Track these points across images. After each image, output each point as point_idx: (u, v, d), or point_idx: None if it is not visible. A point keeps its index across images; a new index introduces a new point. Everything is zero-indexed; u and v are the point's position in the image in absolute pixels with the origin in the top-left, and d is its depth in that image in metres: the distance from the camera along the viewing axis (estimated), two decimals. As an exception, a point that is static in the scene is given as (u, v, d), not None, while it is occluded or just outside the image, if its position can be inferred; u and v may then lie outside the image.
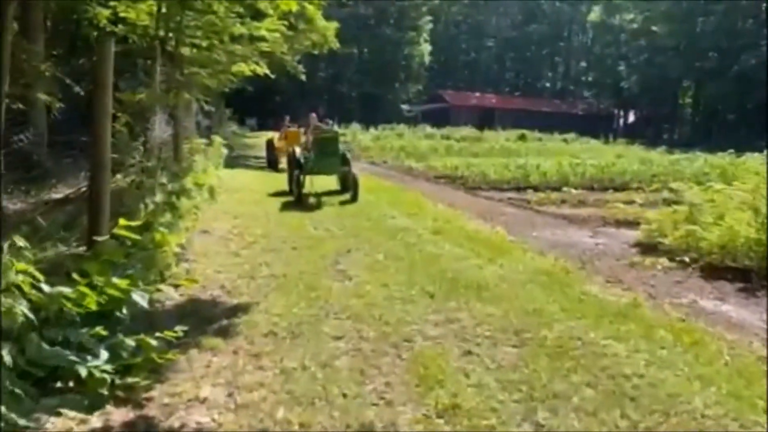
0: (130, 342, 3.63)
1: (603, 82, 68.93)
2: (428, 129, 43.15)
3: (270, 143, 20.44)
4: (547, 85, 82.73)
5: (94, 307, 3.58)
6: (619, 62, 65.91)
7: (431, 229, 9.21)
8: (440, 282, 6.09)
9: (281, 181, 14.68)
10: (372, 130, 42.73)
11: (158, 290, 4.70)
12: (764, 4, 49.28)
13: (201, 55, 12.48)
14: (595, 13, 67.55)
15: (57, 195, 9.77)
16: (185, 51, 12.18)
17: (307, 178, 12.36)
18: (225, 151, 16.49)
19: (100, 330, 3.58)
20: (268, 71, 13.32)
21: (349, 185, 12.44)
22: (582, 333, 4.57)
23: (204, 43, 12.55)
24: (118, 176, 6.39)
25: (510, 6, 78.46)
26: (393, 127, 44.57)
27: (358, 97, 61.81)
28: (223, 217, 10.08)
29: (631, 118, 71.65)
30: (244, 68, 13.01)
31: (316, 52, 26.77)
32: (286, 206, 11.49)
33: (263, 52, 14.05)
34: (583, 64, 77.56)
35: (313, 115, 15.26)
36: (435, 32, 67.11)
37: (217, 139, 13.89)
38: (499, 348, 4.29)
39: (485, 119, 55.15)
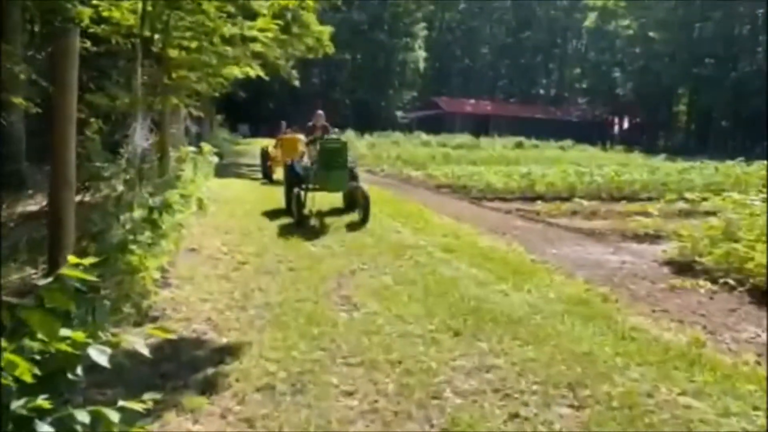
0: (83, 416, 2.75)
1: (598, 89, 68.39)
2: (424, 136, 42.34)
3: (265, 152, 18.71)
4: (542, 92, 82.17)
5: (29, 379, 2.70)
6: (615, 69, 65.50)
7: (442, 247, 8.38)
8: (463, 314, 5.26)
9: (277, 194, 13.74)
10: (367, 137, 41.94)
11: (115, 344, 3.82)
12: (761, 11, 48.93)
13: (189, 58, 11.60)
14: (590, 20, 67.05)
15: (32, 207, 8.91)
16: (173, 53, 11.32)
17: (308, 195, 10.69)
18: (215, 159, 15.59)
19: (42, 402, 2.70)
20: (261, 73, 12.43)
21: (357, 204, 10.56)
22: (650, 387, 3.74)
23: (193, 45, 11.68)
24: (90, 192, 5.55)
25: (505, 12, 77.93)
26: (388, 134, 43.80)
27: (351, 103, 60.98)
28: (213, 232, 9.22)
29: (626, 125, 71.18)
30: (235, 71, 12.15)
31: (311, 56, 26.05)
32: (280, 220, 10.62)
33: (256, 54, 13.23)
34: (578, 70, 77.07)
35: (320, 112, 12.53)
36: (429, 39, 66.46)
37: (207, 147, 13.04)
38: (554, 410, 3.45)
39: (480, 126, 54.42)
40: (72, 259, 3.34)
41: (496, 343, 4.49)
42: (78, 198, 6.33)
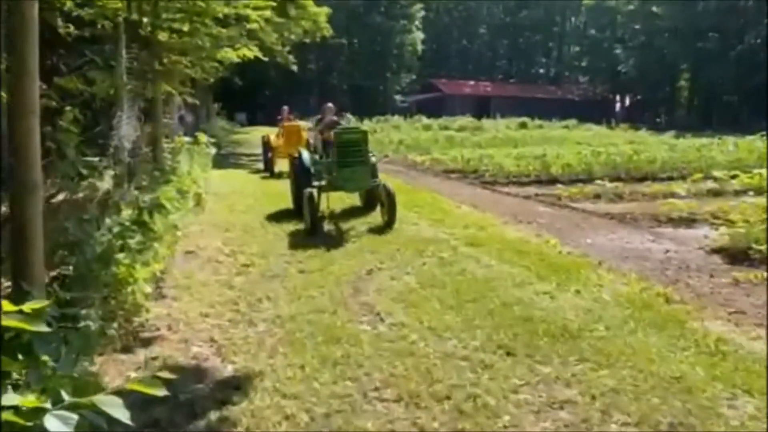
0: None
1: (599, 67, 67.18)
2: (425, 120, 41.36)
3: (266, 142, 16.72)
4: (541, 71, 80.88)
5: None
6: (616, 46, 64.22)
7: (466, 240, 7.58)
8: (509, 325, 4.47)
9: (281, 186, 12.86)
10: (366, 122, 40.99)
11: (85, 406, 3.03)
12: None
13: (181, 41, 10.74)
14: (589, -4, 65.82)
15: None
16: (163, 36, 10.44)
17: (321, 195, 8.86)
18: (213, 149, 14.75)
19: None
20: (259, 54, 11.58)
21: (380, 202, 8.67)
22: (774, 427, 2.97)
23: (184, 27, 10.80)
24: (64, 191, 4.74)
25: (502, -9, 76.60)
26: (387, 118, 42.83)
27: (349, 88, 59.92)
28: (212, 231, 8.41)
29: (627, 102, 70.11)
30: (231, 54, 11.29)
31: (308, 40, 25.11)
32: (283, 215, 9.80)
33: (252, 36, 12.38)
34: (577, 49, 75.78)
35: (329, 105, 10.72)
36: (426, 20, 65.13)
37: (203, 137, 12.20)
38: (662, 467, 2.67)
39: (481, 107, 53.40)
40: (6, 305, 2.49)
41: (561, 366, 3.70)
42: (61, 197, 5.53)
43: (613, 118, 53.24)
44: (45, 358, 2.83)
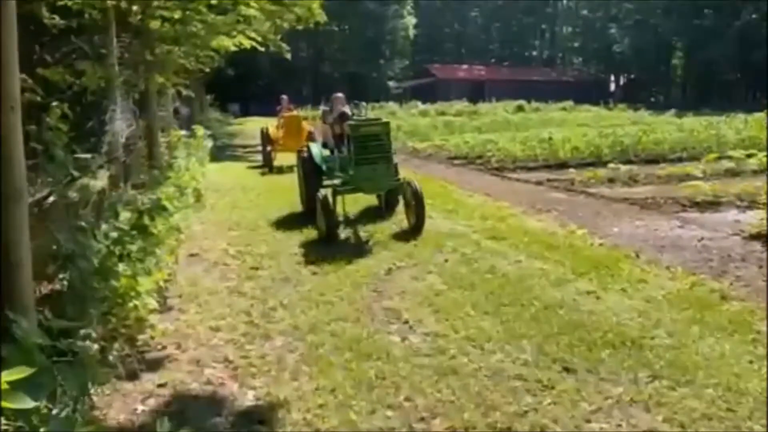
0: None
1: (592, 47, 66.65)
2: (421, 105, 40.79)
3: (265, 134, 15.42)
4: (535, 53, 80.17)
5: None
6: (610, 25, 63.57)
7: (486, 232, 7.12)
8: (559, 332, 4.01)
9: (283, 182, 12.33)
10: (361, 109, 40.39)
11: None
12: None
13: (174, 30, 10.16)
14: (582, -24, 65.12)
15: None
16: (154, 25, 9.87)
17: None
18: (210, 142, 14.21)
19: None
20: (256, 43, 11.02)
21: (405, 203, 7.66)
22: None
23: (176, 15, 10.21)
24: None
25: (494, -26, 75.69)
26: (382, 105, 42.19)
27: (342, 76, 59.11)
28: (215, 230, 7.92)
29: (622, 82, 69.53)
30: (226, 43, 10.73)
31: (301, 27, 24.47)
32: (289, 210, 9.31)
33: (246, 23, 11.80)
34: (570, 29, 75.10)
35: (339, 95, 9.25)
36: (418, 5, 64.29)
37: (201, 130, 11.66)
38: None
39: (476, 92, 52.84)
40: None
41: (632, 385, 3.24)
42: (50, 200, 5.01)
43: (610, 99, 52.80)
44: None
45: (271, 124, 16.37)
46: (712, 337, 3.81)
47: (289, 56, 26.72)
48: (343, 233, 7.49)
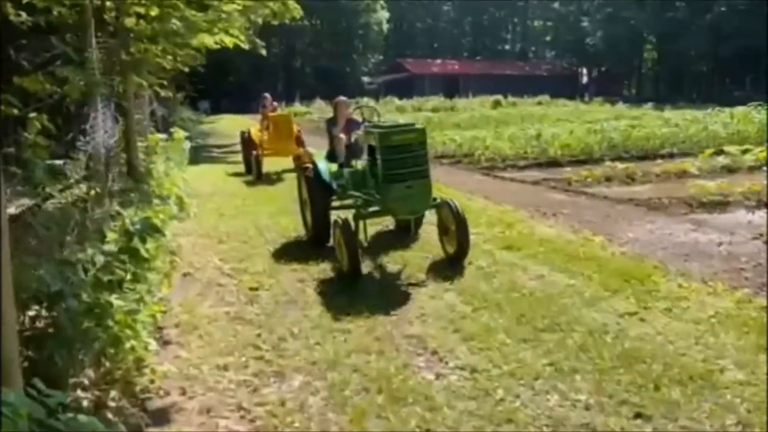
0: None
1: (565, 41, 66.79)
2: (397, 101, 40.38)
3: (247, 138, 13.92)
4: (507, 47, 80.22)
5: None
6: (582, 18, 63.75)
7: (498, 241, 6.71)
8: (615, 366, 3.59)
9: (268, 186, 11.77)
10: (336, 105, 39.84)
11: None
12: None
13: (151, 27, 9.54)
14: (554, -32, 65.16)
15: None
16: (130, 22, 9.24)
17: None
18: (188, 145, 13.52)
19: None
20: (240, 41, 10.42)
21: (442, 227, 6.26)
22: None
23: (152, 12, 9.59)
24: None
25: (465, -33, 75.43)
26: (357, 101, 41.63)
27: (314, 71, 58.41)
28: (204, 243, 7.39)
29: (594, 75, 69.89)
30: (207, 41, 10.12)
31: (276, 23, 23.86)
32: (279, 217, 8.80)
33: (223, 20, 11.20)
34: (542, 23, 75.26)
35: (342, 99, 7.95)
36: (390, -1, 63.82)
37: (180, 133, 11.07)
38: None
39: (450, 86, 52.52)
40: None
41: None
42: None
43: (584, 92, 52.98)
44: None
45: (250, 124, 15.69)
46: (791, 371, 3.42)
47: (264, 53, 26.11)
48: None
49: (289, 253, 6.82)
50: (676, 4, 51.06)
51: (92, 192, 4.94)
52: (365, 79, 59.33)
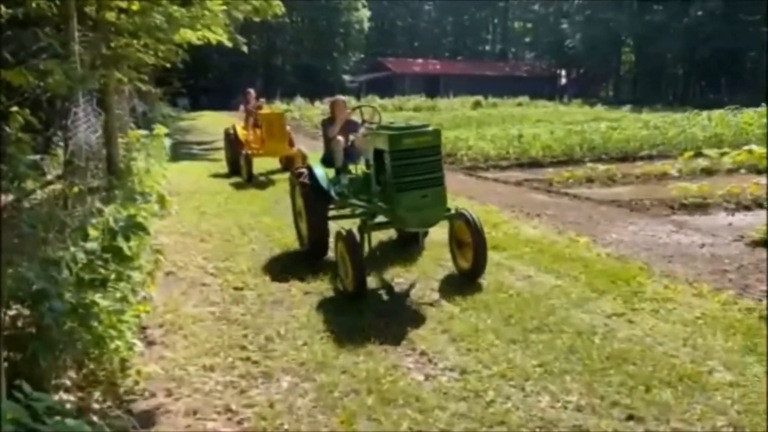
0: None
1: (544, 42, 67.18)
2: (378, 99, 40.26)
3: (232, 135, 13.01)
4: (488, 48, 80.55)
5: None
6: (561, 20, 64.18)
7: (484, 243, 6.68)
8: (605, 368, 3.60)
9: (251, 185, 11.56)
10: (317, 103, 39.77)
11: None
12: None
13: (132, 22, 9.39)
14: (534, -30, 65.51)
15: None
16: (110, 16, 9.09)
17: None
18: (169, 142, 13.32)
19: None
20: (223, 38, 10.32)
21: (455, 240, 5.71)
22: None
23: (134, 6, 9.45)
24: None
25: (447, -33, 75.57)
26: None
27: (294, 69, 58.07)
28: (186, 241, 7.29)
29: (573, 76, 70.44)
30: (190, 36, 9.98)
31: (257, 19, 23.67)
32: (262, 216, 8.73)
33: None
34: (522, 24, 75.63)
35: (340, 98, 7.53)
36: (371, -3, 63.70)
37: (161, 130, 10.90)
38: None
39: (431, 86, 52.64)
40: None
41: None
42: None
43: (564, 93, 53.37)
44: None
45: (231, 121, 15.44)
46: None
47: (245, 50, 25.89)
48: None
49: (272, 252, 6.76)
50: (654, 7, 51.53)
51: (74, 188, 4.83)
52: (346, 77, 59.14)
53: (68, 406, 3.22)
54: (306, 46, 57.92)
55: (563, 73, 71.02)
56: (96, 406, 3.33)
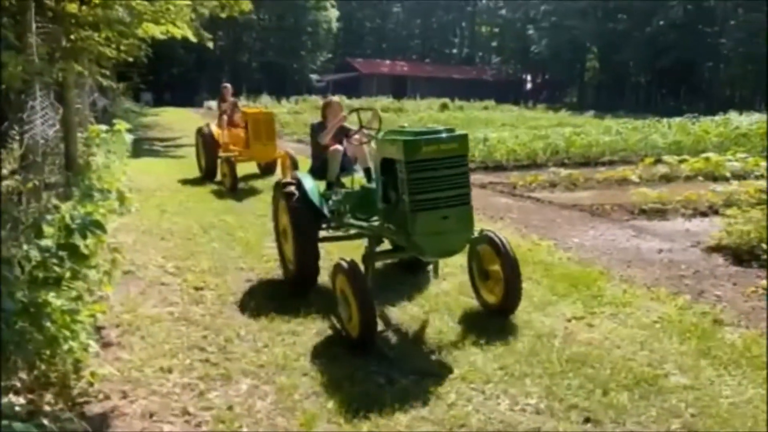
0: None
1: (510, 47, 68.05)
2: (346, 100, 40.20)
3: (206, 136, 11.67)
4: (455, 51, 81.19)
5: None
6: (528, 26, 65.06)
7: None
8: (564, 371, 3.63)
9: (218, 191, 11.35)
10: (284, 102, 39.56)
11: None
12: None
13: (93, 14, 9.19)
14: (503, -25, 66.29)
15: None
16: (72, 8, 8.88)
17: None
18: (130, 137, 13.05)
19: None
20: (189, 33, 10.18)
21: (479, 269, 4.80)
22: None
23: (96, -2, 9.25)
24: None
25: (415, -31, 75.89)
26: (305, 98, 41.48)
27: (260, 66, 57.60)
28: (146, 240, 7.15)
29: (539, 82, 71.44)
30: (153, 30, 9.81)
31: (224, 15, 23.37)
32: (224, 215, 8.62)
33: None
34: (489, 29, 76.40)
35: (334, 99, 6.76)
36: (339, -4, 63.58)
37: (123, 125, 10.65)
38: None
39: (398, 88, 52.90)
40: None
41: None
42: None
43: (529, 99, 54.08)
44: None
45: (195, 117, 15.22)
46: (732, 378, 3.52)
47: (211, 45, 25.52)
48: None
49: (234, 251, 6.68)
50: (618, 16, 52.70)
51: (29, 184, 4.69)
52: (313, 76, 58.95)
53: (18, 408, 3.12)
54: (273, 44, 57.52)
55: (528, 78, 72.03)
56: (47, 408, 3.22)
